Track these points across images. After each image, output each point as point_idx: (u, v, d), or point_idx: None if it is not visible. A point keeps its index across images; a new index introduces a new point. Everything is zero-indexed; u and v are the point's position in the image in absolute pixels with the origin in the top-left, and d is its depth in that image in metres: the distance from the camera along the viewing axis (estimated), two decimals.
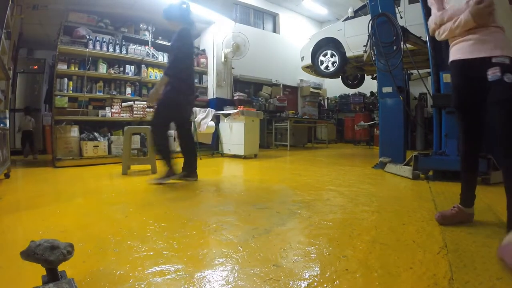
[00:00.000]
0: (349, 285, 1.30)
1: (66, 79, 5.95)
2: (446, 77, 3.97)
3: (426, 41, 4.41)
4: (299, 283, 1.32)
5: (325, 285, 1.30)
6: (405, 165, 4.31)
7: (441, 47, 4.19)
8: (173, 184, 3.67)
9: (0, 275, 1.40)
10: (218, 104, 7.80)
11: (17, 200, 2.96)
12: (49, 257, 1.11)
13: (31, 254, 1.11)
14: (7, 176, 4.04)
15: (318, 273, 1.42)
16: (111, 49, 6.42)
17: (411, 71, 9.19)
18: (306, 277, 1.38)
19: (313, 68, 8.39)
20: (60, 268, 1.19)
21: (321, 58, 7.98)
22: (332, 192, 3.29)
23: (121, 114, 6.40)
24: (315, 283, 1.31)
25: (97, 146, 5.81)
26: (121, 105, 6.47)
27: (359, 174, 4.49)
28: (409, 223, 2.16)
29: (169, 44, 3.94)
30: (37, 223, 2.19)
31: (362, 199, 2.90)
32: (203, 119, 6.89)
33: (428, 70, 5.35)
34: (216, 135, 7.46)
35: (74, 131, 5.76)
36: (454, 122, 3.94)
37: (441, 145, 4.05)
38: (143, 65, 6.94)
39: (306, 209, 2.57)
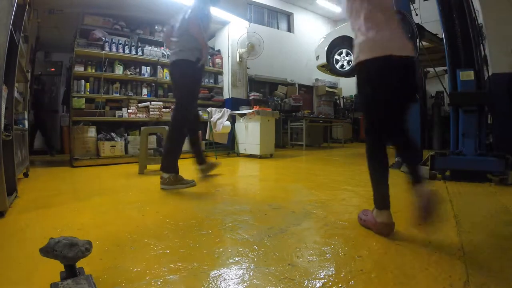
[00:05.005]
0: (364, 286, 1.30)
1: (83, 81, 6.05)
2: (463, 75, 3.91)
3: (442, 38, 4.35)
4: (314, 282, 1.32)
5: (340, 285, 1.30)
6: (421, 165, 4.26)
7: (457, 45, 4.13)
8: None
9: (19, 271, 1.44)
10: (233, 104, 7.83)
11: (35, 198, 3.02)
12: (67, 254, 1.14)
13: (50, 250, 1.14)
14: (26, 175, 4.13)
15: (333, 273, 1.42)
16: (127, 51, 6.50)
17: (428, 69, 9.05)
18: (321, 276, 1.38)
19: (329, 67, 8.33)
20: (78, 264, 1.21)
21: (336, 57, 7.91)
22: (348, 192, 3.27)
23: (138, 115, 6.48)
24: (330, 283, 1.31)
25: (114, 146, 5.89)
26: (138, 106, 6.55)
27: None
28: (425, 223, 2.13)
29: None
30: (55, 221, 2.24)
31: None
32: (219, 119, 6.92)
33: (445, 67, 5.26)
34: (231, 135, 7.48)
35: (92, 132, 5.85)
36: (471, 121, 3.88)
37: (458, 145, 3.99)
38: (159, 66, 7.01)
39: (321, 209, 2.56)
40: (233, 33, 8.04)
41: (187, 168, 4.07)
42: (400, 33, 1.96)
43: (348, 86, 14.08)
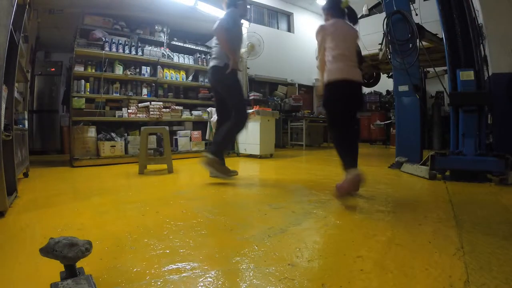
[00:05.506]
0: (364, 286, 1.30)
1: (83, 81, 6.04)
2: (463, 75, 3.91)
3: (442, 38, 4.35)
4: (314, 282, 1.32)
5: (340, 285, 1.29)
6: (421, 165, 4.26)
7: (457, 45, 4.13)
8: (190, 183, 3.71)
9: (19, 271, 1.44)
10: None
11: (35, 198, 3.02)
12: (67, 254, 1.13)
13: (50, 250, 1.14)
14: (26, 175, 4.13)
15: (333, 273, 1.41)
16: (127, 51, 6.50)
17: (428, 69, 9.05)
18: (321, 276, 1.38)
19: None
20: (78, 265, 1.21)
21: None
22: None
23: (138, 115, 6.48)
24: (330, 283, 1.31)
25: (114, 146, 5.89)
26: (138, 106, 6.55)
27: (375, 174, 4.45)
28: (425, 223, 2.14)
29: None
30: (55, 221, 2.23)
31: (378, 199, 2.88)
32: None
33: (445, 67, 5.27)
34: None
35: (92, 132, 5.85)
36: (471, 121, 3.88)
37: (458, 145, 3.99)
38: (159, 66, 7.00)
39: (321, 209, 2.56)
40: None
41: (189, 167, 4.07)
42: (355, 66, 3.06)
43: None
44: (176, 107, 7.12)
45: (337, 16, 3.20)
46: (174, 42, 7.50)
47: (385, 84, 10.24)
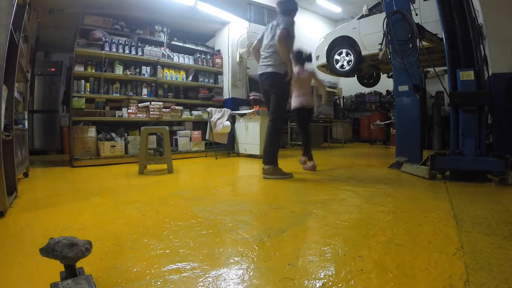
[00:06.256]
0: (364, 286, 1.30)
1: (83, 81, 6.05)
2: (463, 75, 3.91)
3: (442, 38, 4.34)
4: (314, 282, 1.32)
5: (340, 285, 1.29)
6: (421, 165, 4.26)
7: (457, 45, 4.13)
8: (190, 183, 3.70)
9: (19, 271, 1.44)
10: (233, 104, 7.83)
11: (35, 198, 3.02)
12: (67, 254, 1.13)
13: (50, 250, 1.14)
14: (26, 175, 4.13)
15: (333, 273, 1.41)
16: (127, 51, 6.50)
17: (428, 69, 9.04)
18: (321, 276, 1.38)
19: (328, 67, 8.33)
20: (78, 265, 1.21)
21: (336, 57, 7.91)
22: (348, 192, 3.27)
23: (138, 115, 6.48)
24: (330, 283, 1.31)
25: (114, 146, 5.89)
26: (138, 106, 6.55)
27: (375, 174, 4.45)
28: (425, 223, 2.13)
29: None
30: (55, 221, 2.24)
31: (378, 199, 2.88)
32: (219, 119, 6.92)
33: (445, 67, 5.26)
34: (231, 135, 7.47)
35: (92, 132, 5.85)
36: (471, 121, 3.88)
37: (458, 145, 3.99)
38: (159, 66, 7.01)
39: (321, 209, 2.56)
40: (233, 33, 8.04)
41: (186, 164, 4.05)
42: (310, 96, 5.03)
43: (348, 86, 14.05)
44: (176, 107, 7.13)
45: (299, 63, 4.98)
46: (174, 42, 7.51)
47: (385, 84, 10.23)
